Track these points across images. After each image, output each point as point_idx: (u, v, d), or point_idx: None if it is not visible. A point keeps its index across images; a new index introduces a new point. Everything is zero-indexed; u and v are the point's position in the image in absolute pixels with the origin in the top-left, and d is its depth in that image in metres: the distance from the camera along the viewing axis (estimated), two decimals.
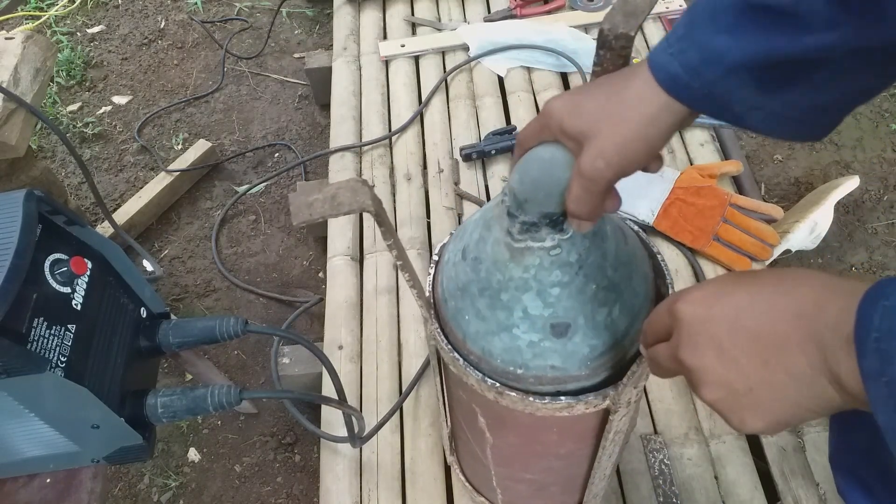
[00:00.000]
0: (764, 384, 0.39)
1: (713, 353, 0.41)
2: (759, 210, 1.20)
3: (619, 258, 0.58)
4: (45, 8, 2.09)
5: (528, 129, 0.54)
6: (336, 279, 1.18)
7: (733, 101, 0.45)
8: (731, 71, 0.43)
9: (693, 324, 0.42)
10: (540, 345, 0.57)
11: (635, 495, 0.94)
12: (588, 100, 0.49)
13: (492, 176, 1.30)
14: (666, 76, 0.45)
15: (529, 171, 0.54)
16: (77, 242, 0.72)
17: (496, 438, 0.71)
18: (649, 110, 0.46)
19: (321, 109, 1.74)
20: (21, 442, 0.70)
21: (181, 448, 1.25)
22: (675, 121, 0.47)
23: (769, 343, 0.39)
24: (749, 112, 0.45)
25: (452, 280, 0.62)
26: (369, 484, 0.97)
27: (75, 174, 1.69)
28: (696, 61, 0.44)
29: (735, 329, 0.40)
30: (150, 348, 0.79)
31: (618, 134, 0.46)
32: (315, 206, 0.51)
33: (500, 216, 0.57)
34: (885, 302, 0.33)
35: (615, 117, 0.47)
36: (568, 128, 0.49)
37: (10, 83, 1.09)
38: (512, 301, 0.57)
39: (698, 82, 0.44)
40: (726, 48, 0.42)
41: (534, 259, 0.55)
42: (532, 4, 1.57)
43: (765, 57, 0.42)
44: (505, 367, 0.59)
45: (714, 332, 0.41)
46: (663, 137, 0.47)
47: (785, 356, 0.38)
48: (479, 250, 0.59)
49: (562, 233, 0.54)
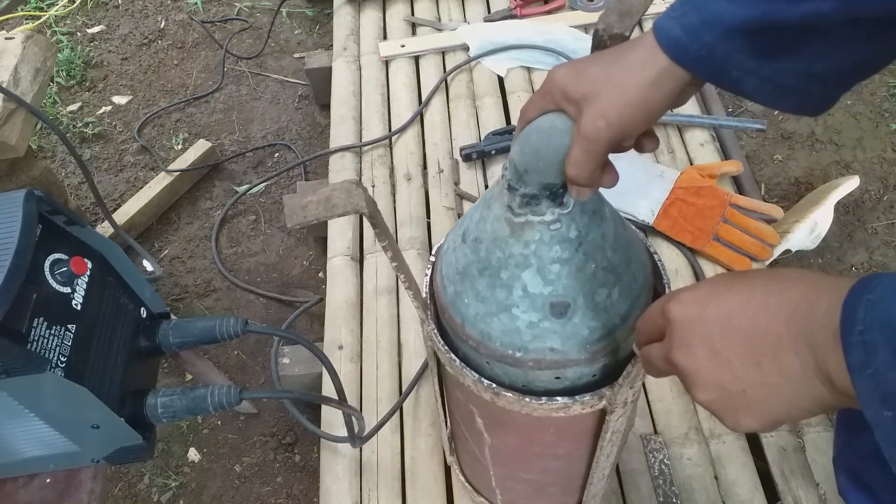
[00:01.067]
0: (757, 385, 0.39)
1: (706, 354, 0.41)
2: (759, 210, 1.20)
3: (617, 240, 0.58)
4: (45, 8, 2.10)
5: (530, 100, 0.55)
6: (336, 279, 1.18)
7: (730, 64, 0.46)
8: (729, 33, 0.44)
9: (686, 325, 0.43)
10: (539, 325, 0.57)
11: (635, 495, 0.94)
12: (591, 65, 0.50)
13: (492, 176, 1.30)
14: (668, 39, 0.47)
15: (529, 140, 0.54)
16: (77, 242, 0.72)
17: (494, 439, 0.71)
18: (651, 73, 0.47)
19: (321, 109, 1.74)
20: (21, 442, 0.70)
21: (181, 448, 1.25)
22: (675, 87, 0.48)
23: (762, 344, 0.39)
24: (745, 77, 0.47)
25: (451, 265, 0.62)
26: (369, 484, 0.97)
27: (75, 174, 1.69)
28: (697, 23, 0.45)
29: (727, 330, 0.41)
30: (150, 348, 0.79)
31: (619, 95, 0.48)
32: (309, 209, 0.51)
33: (500, 193, 0.57)
34: (868, 296, 0.34)
35: (617, 80, 0.48)
36: (570, 92, 0.50)
37: (10, 83, 1.09)
38: (512, 279, 0.57)
39: (697, 43, 0.46)
40: (725, 11, 0.44)
41: (534, 234, 0.55)
42: (532, 4, 1.57)
43: (760, 20, 0.43)
44: (504, 350, 0.59)
45: (707, 334, 0.41)
46: (663, 103, 0.49)
47: (778, 357, 0.38)
48: (479, 230, 0.59)
49: (562, 206, 0.54)
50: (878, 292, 0.34)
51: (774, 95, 0.48)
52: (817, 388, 0.37)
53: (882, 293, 0.34)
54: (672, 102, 0.49)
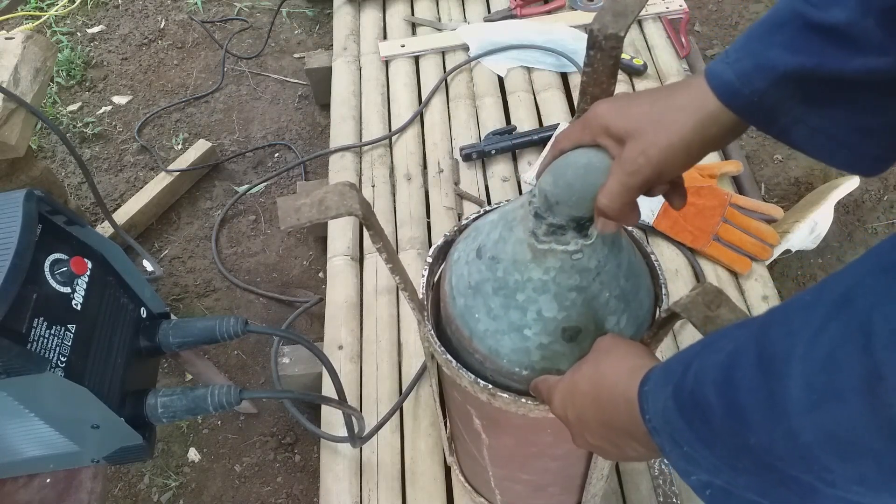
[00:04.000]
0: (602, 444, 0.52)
1: (574, 424, 0.53)
2: (759, 210, 1.20)
3: (630, 269, 0.59)
4: (45, 8, 2.10)
5: (568, 130, 0.55)
6: (336, 279, 1.18)
7: (780, 111, 0.46)
8: (781, 80, 0.45)
9: (558, 407, 0.55)
10: (549, 347, 0.57)
11: (635, 495, 0.94)
12: (636, 103, 0.51)
13: (492, 176, 1.30)
14: (720, 83, 0.47)
15: (565, 174, 0.54)
16: (77, 242, 0.72)
17: (492, 439, 0.71)
18: (698, 117, 0.48)
19: (321, 109, 1.74)
20: (21, 442, 0.70)
21: (181, 448, 1.25)
22: (718, 133, 0.48)
23: (605, 405, 0.50)
24: (793, 125, 0.47)
25: (464, 278, 0.62)
26: (369, 484, 0.97)
27: (75, 174, 1.69)
28: (750, 68, 0.46)
29: (583, 419, 0.52)
30: (150, 348, 0.79)
31: (663, 136, 0.48)
32: (302, 211, 0.51)
33: (524, 217, 0.57)
34: (645, 388, 0.44)
35: (663, 120, 0.48)
36: (613, 127, 0.51)
37: (10, 83, 1.09)
38: (528, 301, 0.57)
39: (749, 88, 0.46)
40: (779, 58, 0.44)
41: (555, 262, 0.55)
42: (532, 4, 1.57)
43: (814, 72, 0.43)
44: (511, 368, 0.59)
45: (575, 404, 0.53)
46: (704, 147, 0.49)
47: (616, 434, 0.49)
48: (497, 250, 0.59)
49: (585, 238, 0.55)
50: (651, 384, 0.44)
51: (824, 148, 0.47)
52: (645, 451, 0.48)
53: (652, 386, 0.43)
54: (712, 148, 0.50)
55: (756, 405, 0.33)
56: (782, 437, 0.32)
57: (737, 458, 0.37)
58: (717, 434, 0.37)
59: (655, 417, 0.42)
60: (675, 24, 1.52)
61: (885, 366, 0.27)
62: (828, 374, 0.30)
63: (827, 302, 0.32)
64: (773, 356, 0.33)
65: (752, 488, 0.38)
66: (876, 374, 0.28)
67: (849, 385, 0.29)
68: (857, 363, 0.28)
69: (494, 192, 1.28)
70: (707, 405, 0.37)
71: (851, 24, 0.41)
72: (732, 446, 0.36)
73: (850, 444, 0.30)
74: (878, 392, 0.28)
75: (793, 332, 0.32)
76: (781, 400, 0.32)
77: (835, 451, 0.31)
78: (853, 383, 0.28)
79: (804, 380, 0.31)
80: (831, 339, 0.30)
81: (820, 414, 0.30)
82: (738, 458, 0.37)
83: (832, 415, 0.30)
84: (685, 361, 0.40)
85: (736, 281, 1.15)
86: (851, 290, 0.30)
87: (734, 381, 0.35)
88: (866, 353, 0.28)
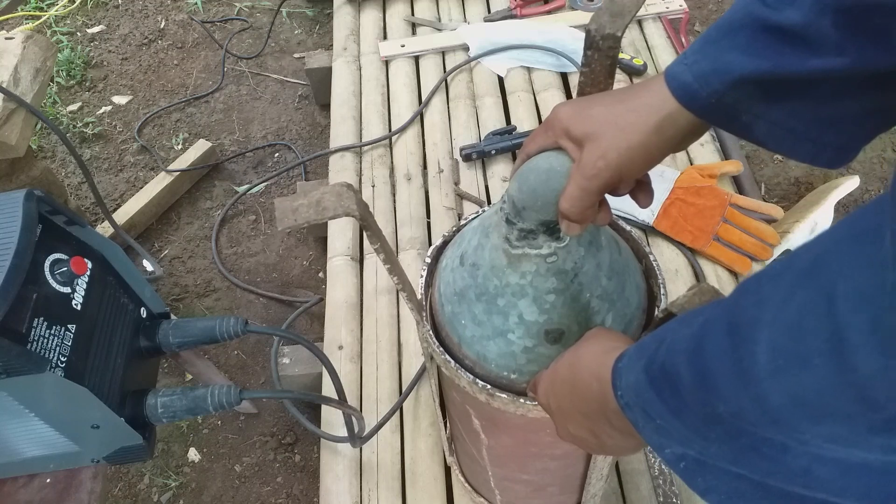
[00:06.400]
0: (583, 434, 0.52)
1: (557, 416, 0.54)
2: (759, 210, 1.20)
3: (613, 268, 0.58)
4: (45, 8, 2.10)
5: (533, 134, 0.55)
6: (336, 279, 1.18)
7: (740, 109, 0.46)
8: (738, 83, 0.45)
9: (542, 396, 0.56)
10: (534, 350, 0.58)
11: (635, 495, 0.94)
12: (595, 105, 0.50)
13: (492, 176, 1.30)
14: (678, 84, 0.47)
15: (528, 179, 0.54)
16: (77, 242, 0.72)
17: (491, 440, 0.71)
18: (656, 119, 0.48)
19: (321, 109, 1.74)
20: (21, 442, 0.70)
21: (181, 448, 1.25)
22: (676, 134, 0.48)
23: (580, 387, 0.50)
24: (755, 121, 0.47)
25: (450, 285, 0.62)
26: (369, 484, 0.97)
27: (75, 174, 1.69)
28: (707, 70, 0.46)
29: (563, 390, 0.53)
30: (150, 348, 0.79)
31: (622, 138, 0.48)
32: (300, 212, 0.51)
33: (498, 223, 0.57)
34: (619, 364, 0.44)
35: (621, 122, 0.48)
36: (573, 130, 0.51)
37: (10, 83, 1.09)
38: (508, 306, 0.57)
39: (707, 90, 0.46)
40: (736, 61, 0.45)
41: (530, 266, 0.56)
42: (532, 4, 1.57)
43: (771, 73, 0.44)
44: (499, 372, 0.60)
45: (556, 392, 0.54)
46: (663, 149, 0.49)
47: (595, 420, 0.49)
48: (476, 256, 0.59)
49: (558, 241, 0.55)
50: (625, 360, 0.44)
51: (785, 142, 0.47)
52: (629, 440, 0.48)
53: (627, 362, 0.43)
54: (671, 149, 0.50)
55: (724, 371, 0.34)
56: (751, 401, 0.33)
57: (707, 427, 0.37)
58: (687, 403, 0.37)
59: (627, 392, 0.42)
60: (675, 24, 1.53)
61: (850, 329, 0.27)
62: (794, 339, 0.30)
63: (797, 270, 0.32)
64: (742, 323, 0.33)
65: (724, 456, 0.38)
66: (841, 337, 0.28)
67: (815, 349, 0.29)
68: (823, 328, 0.29)
69: (494, 192, 1.28)
70: (677, 374, 0.37)
71: (807, 25, 0.41)
72: (703, 415, 0.36)
73: (818, 406, 0.30)
74: (843, 356, 0.28)
75: (762, 300, 0.33)
76: (750, 365, 0.32)
77: (804, 414, 0.31)
78: (819, 347, 0.29)
79: (770, 344, 0.31)
80: (799, 306, 0.30)
81: (787, 378, 0.30)
82: (708, 426, 0.37)
83: (799, 378, 0.30)
84: (659, 337, 0.41)
85: (736, 281, 1.15)
86: (820, 257, 0.31)
87: (704, 350, 0.35)
88: (830, 318, 0.28)
